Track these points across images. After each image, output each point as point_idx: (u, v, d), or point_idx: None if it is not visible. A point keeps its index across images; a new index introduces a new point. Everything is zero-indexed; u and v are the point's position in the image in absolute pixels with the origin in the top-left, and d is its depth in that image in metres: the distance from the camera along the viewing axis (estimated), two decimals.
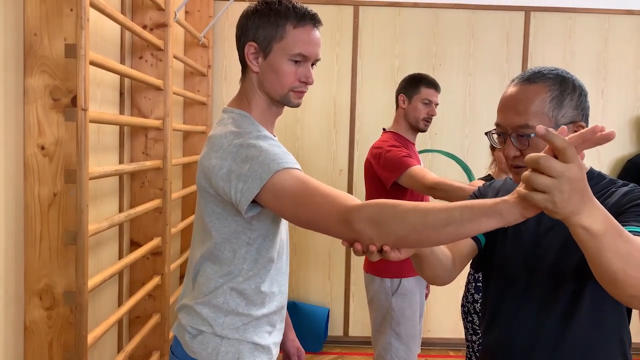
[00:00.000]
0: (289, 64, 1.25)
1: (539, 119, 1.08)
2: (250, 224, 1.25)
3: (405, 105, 2.48)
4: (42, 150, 1.59)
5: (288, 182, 1.11)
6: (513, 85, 1.15)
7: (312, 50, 1.27)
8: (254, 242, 1.26)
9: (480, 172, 2.96)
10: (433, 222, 0.93)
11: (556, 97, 1.10)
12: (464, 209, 0.90)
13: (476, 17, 3.76)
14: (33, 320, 1.61)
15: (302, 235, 3.79)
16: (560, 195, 0.79)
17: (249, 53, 1.28)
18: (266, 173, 1.12)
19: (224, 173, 1.17)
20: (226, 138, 1.21)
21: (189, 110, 3.46)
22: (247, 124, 1.25)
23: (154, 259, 2.52)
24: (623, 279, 0.86)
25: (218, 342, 1.27)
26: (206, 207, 1.27)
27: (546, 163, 0.79)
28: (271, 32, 1.25)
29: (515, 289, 1.19)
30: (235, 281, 1.27)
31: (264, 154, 1.15)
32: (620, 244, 0.85)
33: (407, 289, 2.39)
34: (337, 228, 1.03)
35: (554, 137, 0.78)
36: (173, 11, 2.56)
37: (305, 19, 1.26)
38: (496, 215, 0.88)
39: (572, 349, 1.12)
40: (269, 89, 1.28)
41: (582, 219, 0.82)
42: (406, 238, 0.96)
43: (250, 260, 1.27)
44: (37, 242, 1.60)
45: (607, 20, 3.78)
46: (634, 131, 3.83)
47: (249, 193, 1.13)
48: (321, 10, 3.71)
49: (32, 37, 1.56)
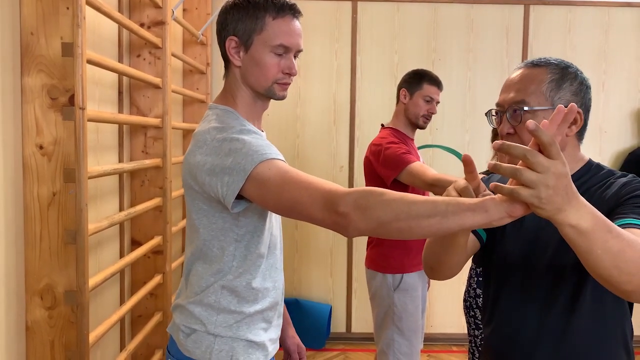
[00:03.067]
0: (271, 56, 1.24)
1: (536, 98, 1.11)
2: (237, 221, 1.24)
3: (407, 100, 2.47)
4: (40, 149, 1.59)
5: (272, 171, 1.10)
6: (518, 69, 1.18)
7: (294, 41, 1.25)
8: (242, 238, 1.25)
9: (481, 167, 2.95)
10: (417, 211, 0.92)
11: (556, 80, 1.12)
12: (450, 202, 0.90)
13: (475, 12, 3.75)
14: (34, 320, 1.61)
15: (304, 232, 3.79)
16: (546, 190, 0.79)
17: (230, 47, 1.27)
18: (250, 164, 1.11)
19: (207, 168, 1.17)
20: (209, 134, 1.20)
21: (188, 108, 3.46)
22: (231, 119, 1.25)
23: (155, 257, 2.52)
24: (617, 276, 0.86)
25: (211, 341, 1.27)
26: (193, 205, 1.26)
27: (533, 158, 0.79)
28: (251, 25, 1.24)
29: (516, 283, 1.19)
30: (225, 279, 1.27)
31: (247, 146, 1.14)
32: (610, 240, 0.85)
33: (409, 284, 2.39)
34: (321, 212, 1.03)
35: (541, 133, 0.79)
36: (171, 9, 2.55)
37: (284, 10, 1.24)
38: (481, 211, 0.87)
39: (574, 342, 1.12)
40: (253, 82, 1.27)
41: (568, 216, 0.82)
42: (389, 225, 0.95)
43: (240, 257, 1.26)
44: (37, 242, 1.60)
45: (607, 13, 3.76)
46: (635, 124, 3.82)
47: (234, 185, 1.12)
48: (320, 6, 3.72)
49: (28, 36, 1.56)
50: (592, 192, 1.11)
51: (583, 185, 1.12)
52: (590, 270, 0.89)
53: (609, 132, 3.82)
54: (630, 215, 1.00)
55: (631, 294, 0.89)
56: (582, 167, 1.17)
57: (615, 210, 1.04)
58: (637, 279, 0.86)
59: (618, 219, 1.00)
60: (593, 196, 1.09)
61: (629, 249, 0.85)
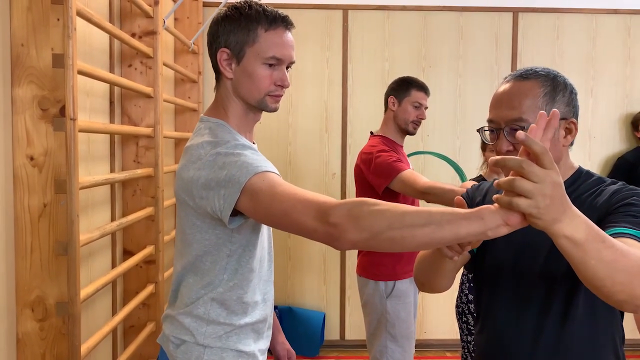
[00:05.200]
0: (264, 68, 1.24)
1: (533, 113, 1.09)
2: (230, 236, 1.23)
3: (395, 107, 2.49)
4: (31, 160, 1.58)
5: (265, 182, 1.10)
6: (506, 82, 1.16)
7: (286, 53, 1.25)
8: (234, 253, 1.25)
9: (472, 173, 2.97)
10: (411, 220, 0.92)
11: (549, 92, 1.12)
12: (445, 212, 0.90)
13: (464, 19, 3.78)
14: (25, 332, 1.60)
15: (297, 240, 3.79)
16: (543, 200, 0.80)
17: (221, 59, 1.26)
18: (244, 176, 1.11)
19: (202, 182, 1.16)
20: (203, 148, 1.20)
21: (180, 117, 3.46)
22: (224, 133, 1.24)
23: (148, 267, 2.51)
24: (610, 285, 0.87)
25: (201, 351, 1.26)
26: (186, 220, 1.25)
27: (529, 168, 0.80)
28: (243, 37, 1.23)
29: (508, 290, 1.19)
30: (216, 292, 1.26)
31: (241, 159, 1.14)
32: (603, 250, 0.85)
33: (401, 291, 2.40)
34: (313, 223, 1.02)
35: (533, 143, 0.80)
36: (162, 18, 2.56)
37: (276, 22, 1.24)
38: (477, 219, 0.86)
39: (567, 348, 1.12)
40: (245, 94, 1.27)
41: (563, 227, 0.83)
42: (381, 234, 0.94)
43: (230, 271, 1.26)
44: (27, 254, 1.59)
45: (594, 20, 3.81)
46: (624, 129, 3.86)
47: (230, 198, 1.12)
48: (310, 14, 3.73)
49: (19, 47, 1.56)
50: (583, 199, 1.12)
51: (574, 192, 1.13)
52: (584, 280, 0.89)
53: (598, 138, 3.86)
54: (621, 224, 1.00)
55: (623, 303, 0.90)
56: (572, 174, 1.18)
57: (606, 218, 1.05)
58: (630, 289, 0.87)
59: (609, 228, 1.00)
60: (584, 204, 1.10)
61: (622, 258, 0.86)
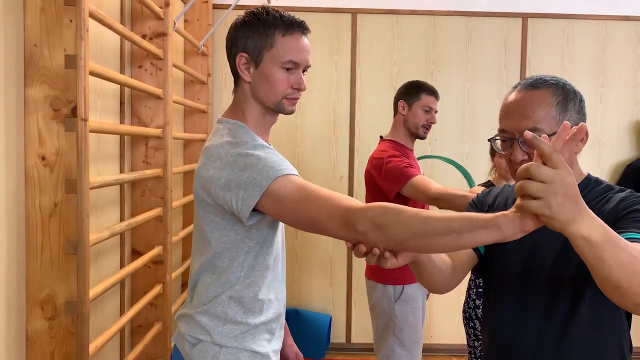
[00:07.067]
0: (281, 72, 1.28)
1: (547, 123, 1.10)
2: (249, 233, 1.26)
3: (405, 111, 2.48)
4: (42, 160, 1.59)
5: (288, 187, 1.13)
6: (516, 92, 1.16)
7: (302, 57, 1.29)
8: (251, 249, 1.27)
9: (480, 178, 2.96)
10: (433, 230, 0.95)
11: (561, 101, 1.12)
12: (464, 220, 0.92)
13: (474, 24, 3.78)
14: (35, 331, 1.61)
15: (304, 242, 3.79)
16: (555, 199, 0.80)
17: (240, 64, 1.30)
18: (266, 180, 1.13)
19: (222, 182, 1.18)
20: (223, 148, 1.22)
21: (189, 119, 3.47)
22: (243, 134, 1.27)
23: (156, 267, 2.52)
24: (627, 288, 0.86)
25: (217, 351, 1.28)
26: (205, 217, 1.28)
27: (536, 170, 0.80)
28: (261, 42, 1.27)
29: (516, 293, 1.19)
30: (233, 289, 1.28)
31: (262, 162, 1.16)
32: (620, 252, 0.85)
33: (409, 296, 2.39)
34: (340, 230, 1.05)
35: (541, 143, 0.80)
36: (172, 20, 2.57)
37: (293, 27, 1.28)
38: (494, 227, 0.88)
39: (573, 352, 1.12)
40: (263, 97, 1.30)
41: (580, 228, 0.83)
42: (405, 243, 0.98)
43: (247, 268, 1.28)
44: (38, 252, 1.60)
45: (605, 26, 3.79)
46: (633, 136, 3.84)
47: (249, 200, 1.14)
48: (320, 18, 3.74)
49: (32, 48, 1.57)
50: (592, 206, 1.12)
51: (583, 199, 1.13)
52: (600, 282, 0.89)
53: (607, 144, 3.83)
54: (631, 229, 1.01)
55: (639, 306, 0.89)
56: (581, 181, 1.18)
57: (614, 225, 1.04)
58: None
59: (619, 233, 1.00)
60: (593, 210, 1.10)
61: (638, 261, 0.86)
